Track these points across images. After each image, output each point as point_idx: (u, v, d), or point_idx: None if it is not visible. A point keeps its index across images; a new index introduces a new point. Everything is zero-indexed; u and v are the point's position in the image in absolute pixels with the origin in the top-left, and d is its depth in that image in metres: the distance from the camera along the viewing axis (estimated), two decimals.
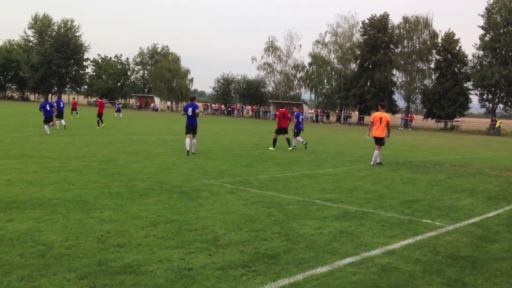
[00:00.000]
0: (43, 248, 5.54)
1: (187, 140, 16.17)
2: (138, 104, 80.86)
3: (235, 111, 73.91)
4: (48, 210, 7.32)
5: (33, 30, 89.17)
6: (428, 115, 63.57)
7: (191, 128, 16.33)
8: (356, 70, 68.71)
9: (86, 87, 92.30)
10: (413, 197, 10.25)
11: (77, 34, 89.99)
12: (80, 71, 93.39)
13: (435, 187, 11.81)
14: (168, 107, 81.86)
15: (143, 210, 7.69)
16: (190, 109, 16.39)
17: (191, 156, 15.56)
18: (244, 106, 77.33)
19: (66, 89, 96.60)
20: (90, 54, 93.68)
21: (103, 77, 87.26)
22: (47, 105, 22.56)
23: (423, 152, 23.15)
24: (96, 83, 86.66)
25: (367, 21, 66.46)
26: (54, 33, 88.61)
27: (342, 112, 68.67)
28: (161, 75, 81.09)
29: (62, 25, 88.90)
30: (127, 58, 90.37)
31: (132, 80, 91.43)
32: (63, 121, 26.09)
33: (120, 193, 8.93)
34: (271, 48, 74.21)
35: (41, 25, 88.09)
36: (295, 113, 21.17)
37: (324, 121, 66.68)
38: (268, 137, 27.56)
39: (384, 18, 65.39)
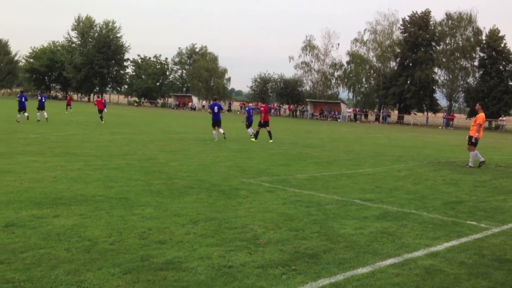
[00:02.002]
0: (88, 243, 5.69)
1: (214, 132, 20.78)
2: (176, 103, 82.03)
3: (272, 110, 73.84)
4: (92, 207, 7.51)
5: (76, 32, 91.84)
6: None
7: (217, 122, 20.64)
8: (395, 68, 67.41)
9: (126, 86, 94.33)
10: (457, 198, 9.97)
11: (118, 35, 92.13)
12: (121, 71, 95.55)
13: (480, 188, 11.45)
14: (203, 106, 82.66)
15: (183, 208, 7.79)
16: (216, 108, 20.70)
17: (230, 155, 15.68)
18: (281, 105, 77.21)
19: (107, 88, 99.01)
20: (130, 55, 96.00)
21: (143, 77, 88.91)
22: (22, 98, 26.32)
23: (466, 152, 22.46)
24: (136, 82, 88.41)
25: (407, 18, 65.09)
26: (96, 34, 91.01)
27: (381, 111, 67.54)
28: (199, 75, 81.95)
29: (104, 26, 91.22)
30: (166, 58, 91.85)
31: (171, 79, 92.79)
32: (45, 113, 28.57)
33: (160, 191, 9.08)
34: (309, 47, 73.75)
35: (83, 26, 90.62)
36: (247, 108, 24.58)
37: (362, 120, 65.77)
38: (306, 137, 27.45)
39: (426, 15, 63.87)
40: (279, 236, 6.47)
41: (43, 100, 29.16)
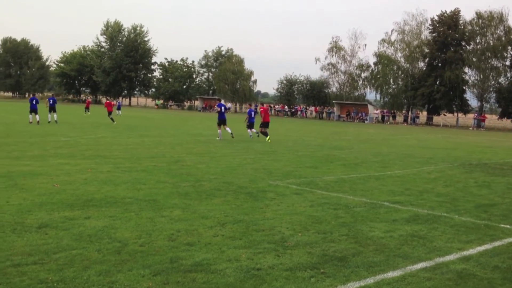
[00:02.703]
0: (119, 244, 5.77)
1: (219, 131, 21.88)
2: (203, 106, 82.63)
3: (299, 112, 73.67)
4: (121, 209, 7.62)
5: (105, 36, 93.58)
6: (503, 114, 60.21)
7: (223, 121, 22.00)
8: (424, 68, 66.35)
9: (153, 90, 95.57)
10: (490, 201, 9.74)
11: (146, 39, 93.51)
12: (148, 75, 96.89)
13: None
14: (229, 108, 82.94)
15: (211, 210, 7.82)
16: (223, 107, 22.47)
17: (256, 157, 15.69)
18: (307, 107, 76.92)
19: (135, 92, 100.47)
20: (157, 58, 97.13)
21: (170, 80, 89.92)
22: (33, 100, 27.69)
23: (498, 154, 21.95)
24: (163, 86, 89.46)
25: (436, 17, 64.00)
26: (124, 38, 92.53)
27: (410, 112, 66.56)
28: (225, 77, 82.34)
29: (132, 30, 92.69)
30: (193, 61, 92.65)
31: (197, 82, 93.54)
32: (55, 115, 29.57)
33: (188, 193, 9.14)
34: (335, 48, 73.29)
35: (112, 31, 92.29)
36: (248, 110, 24.82)
37: (390, 122, 64.92)
38: (333, 138, 27.26)
39: (455, 14, 62.67)
40: (307, 238, 6.43)
41: (52, 103, 29.92)
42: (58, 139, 18.77)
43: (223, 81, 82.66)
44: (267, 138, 22.23)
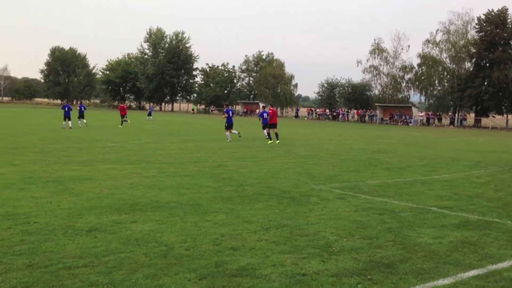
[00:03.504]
0: (165, 248, 5.86)
1: (227, 133, 23.13)
2: (244, 110, 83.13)
3: (340, 116, 72.93)
4: (167, 213, 7.74)
5: (148, 43, 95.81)
6: None
7: (230, 125, 23.21)
8: (471, 69, 64.30)
9: (195, 95, 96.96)
10: None
11: (187, 45, 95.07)
12: (190, 80, 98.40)
13: None
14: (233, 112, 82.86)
15: (254, 215, 7.83)
16: (230, 112, 23.47)
17: (298, 161, 15.63)
18: (349, 110, 76.03)
19: (177, 97, 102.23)
20: (199, 64, 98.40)
21: (211, 85, 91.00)
22: (66, 107, 29.78)
23: None
24: (205, 91, 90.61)
25: (483, 16, 61.93)
26: (167, 45, 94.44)
27: (456, 114, 64.62)
28: (265, 82, 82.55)
29: (174, 37, 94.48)
30: (233, 66, 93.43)
31: (238, 87, 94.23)
32: (84, 120, 31.66)
33: (231, 198, 9.19)
34: (377, 50, 72.15)
35: (155, 38, 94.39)
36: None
37: (436, 124, 63.23)
38: (376, 142, 26.81)
39: (503, 12, 60.45)
40: (352, 244, 6.33)
41: (83, 109, 32.14)
42: (105, 145, 19.30)
43: (263, 85, 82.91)
44: (270, 141, 22.93)
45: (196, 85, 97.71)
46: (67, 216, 7.24)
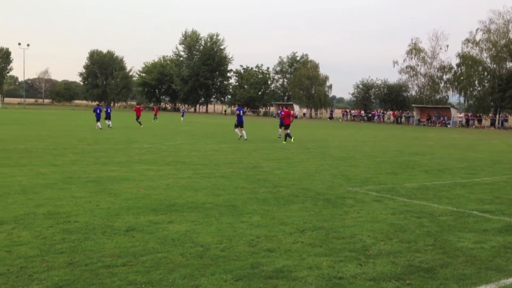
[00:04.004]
0: (201, 249, 5.90)
1: (237, 130, 24.88)
2: (278, 111, 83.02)
3: (375, 117, 71.95)
4: (202, 214, 7.79)
5: (183, 46, 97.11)
6: None
7: (240, 123, 24.39)
8: None
9: (229, 96, 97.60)
10: None
11: (222, 47, 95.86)
12: (224, 82, 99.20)
13: None
14: (304, 114, 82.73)
15: (290, 216, 7.79)
16: (241, 111, 24.75)
17: (333, 163, 15.48)
18: (385, 112, 74.90)
19: (212, 99, 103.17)
20: (233, 66, 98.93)
21: (245, 86, 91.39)
22: (98, 110, 31.86)
23: None
24: (239, 92, 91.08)
25: None
26: (201, 47, 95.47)
27: (497, 115, 62.69)
28: (300, 83, 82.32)
29: (208, 39, 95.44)
30: (268, 68, 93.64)
31: (272, 88, 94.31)
32: (110, 122, 33.01)
33: (266, 199, 9.18)
34: (414, 50, 70.86)
35: (190, 40, 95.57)
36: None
37: (475, 126, 61.53)
38: (413, 144, 26.30)
39: None
40: (390, 247, 6.21)
41: (109, 111, 33.59)
42: (141, 146, 19.64)
43: (298, 86, 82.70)
44: (287, 140, 23.83)
45: (230, 86, 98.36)
46: (105, 216, 7.39)
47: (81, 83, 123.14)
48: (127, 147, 18.90)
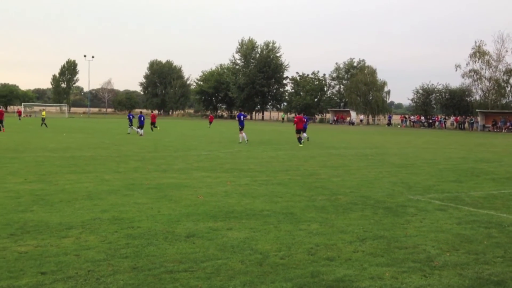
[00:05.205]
0: (260, 256, 5.90)
1: (240, 135, 26.76)
2: (334, 118, 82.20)
3: (437, 123, 69.56)
4: (260, 221, 7.81)
5: (239, 54, 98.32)
6: None
7: (242, 127, 26.68)
8: None
9: (285, 104, 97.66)
10: None
11: (278, 54, 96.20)
12: (280, 89, 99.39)
13: None
14: (361, 120, 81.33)
15: (349, 225, 7.66)
16: (242, 117, 27.09)
17: (393, 170, 15.10)
18: (446, 117, 72.29)
19: (268, 106, 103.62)
20: (289, 73, 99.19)
21: (301, 93, 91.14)
22: (130, 116, 34.86)
23: None
24: (295, 99, 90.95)
25: None
26: (258, 55, 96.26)
27: None
28: (357, 89, 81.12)
29: (265, 47, 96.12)
30: (324, 74, 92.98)
31: (328, 95, 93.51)
32: (142, 131, 33.05)
33: (324, 207, 9.07)
34: (478, 53, 68.07)
35: (246, 48, 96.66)
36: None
37: None
38: (478, 150, 25.21)
39: None
40: (456, 259, 5.95)
41: (142, 119, 33.69)
42: (199, 153, 20.00)
43: (355, 92, 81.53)
44: (301, 143, 25.71)
45: (286, 93, 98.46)
46: (167, 222, 7.56)
47: (141, 93, 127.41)
48: (186, 155, 19.31)
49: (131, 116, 35.39)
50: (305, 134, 29.32)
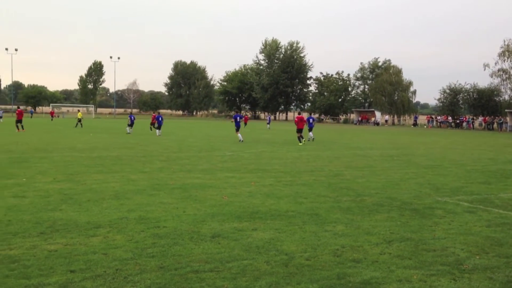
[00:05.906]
0: (285, 257, 5.88)
1: (238, 135, 27.66)
2: (358, 118, 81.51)
3: (464, 123, 68.27)
4: (285, 222, 7.79)
5: (263, 54, 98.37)
6: None
7: (238, 128, 28.11)
8: None
9: (309, 104, 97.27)
10: None
11: (301, 54, 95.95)
12: (304, 89, 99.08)
13: None
14: (386, 120, 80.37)
15: (375, 226, 7.57)
16: (238, 118, 28.43)
17: (419, 171, 14.89)
18: (474, 118, 70.88)
19: (292, 106, 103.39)
20: (313, 73, 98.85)
21: (325, 94, 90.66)
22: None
23: None
24: (319, 100, 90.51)
25: None
26: (281, 55, 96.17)
27: None
28: (382, 89, 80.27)
29: (288, 47, 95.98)
30: (348, 74, 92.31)
31: (353, 95, 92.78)
32: (158, 131, 33.53)
33: (350, 208, 9.00)
34: (507, 52, 66.53)
35: (270, 49, 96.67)
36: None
37: None
38: (507, 151, 24.66)
39: None
40: (486, 262, 5.83)
41: (160, 120, 34.59)
42: (223, 154, 20.08)
43: (380, 92, 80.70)
44: (302, 142, 26.42)
45: (310, 94, 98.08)
46: (192, 222, 7.61)
47: (166, 93, 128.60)
48: (210, 155, 19.40)
49: (132, 118, 36.80)
50: (311, 134, 30.17)
